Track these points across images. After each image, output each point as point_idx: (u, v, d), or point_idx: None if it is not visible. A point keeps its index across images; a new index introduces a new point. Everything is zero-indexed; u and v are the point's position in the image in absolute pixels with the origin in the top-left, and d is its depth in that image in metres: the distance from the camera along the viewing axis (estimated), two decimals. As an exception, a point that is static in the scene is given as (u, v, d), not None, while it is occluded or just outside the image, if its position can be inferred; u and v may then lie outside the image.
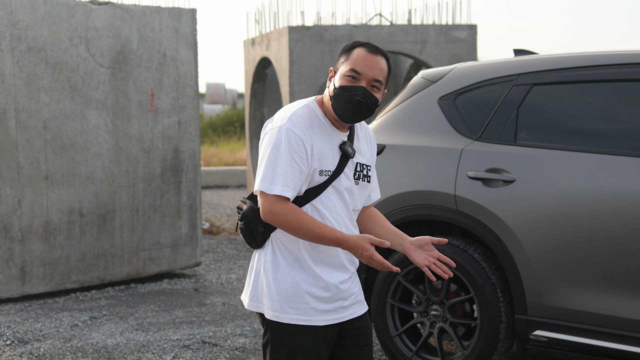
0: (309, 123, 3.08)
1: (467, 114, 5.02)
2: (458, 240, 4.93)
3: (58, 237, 7.27)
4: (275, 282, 3.12)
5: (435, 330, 5.01)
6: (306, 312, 3.12)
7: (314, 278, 3.12)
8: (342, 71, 3.08)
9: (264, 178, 3.04)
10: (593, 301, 4.48)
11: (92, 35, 7.37)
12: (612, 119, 4.72)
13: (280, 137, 3.03)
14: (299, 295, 3.11)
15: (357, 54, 3.07)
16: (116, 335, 6.12)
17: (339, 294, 3.17)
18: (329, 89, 3.11)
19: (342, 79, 3.07)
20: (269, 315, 3.13)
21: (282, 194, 3.01)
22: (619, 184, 4.43)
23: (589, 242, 4.48)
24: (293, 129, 3.03)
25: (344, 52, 3.11)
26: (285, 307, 3.11)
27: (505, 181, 4.71)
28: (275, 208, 3.02)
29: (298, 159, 3.03)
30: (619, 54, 4.73)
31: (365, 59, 3.05)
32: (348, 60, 3.07)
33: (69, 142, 7.27)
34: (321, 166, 3.08)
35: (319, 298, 3.13)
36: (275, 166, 3.02)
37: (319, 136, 3.09)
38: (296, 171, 3.03)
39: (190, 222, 8.14)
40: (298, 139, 3.03)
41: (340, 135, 3.16)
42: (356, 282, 3.29)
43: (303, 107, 3.12)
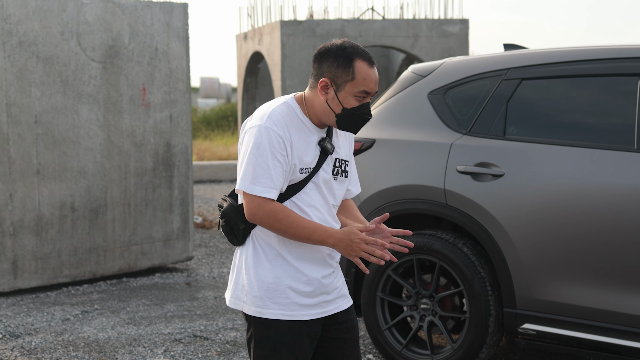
0: (287, 121, 3.07)
1: (456, 109, 5.04)
2: (447, 234, 4.95)
3: (50, 231, 7.28)
4: (257, 278, 3.13)
5: (425, 324, 5.03)
6: (288, 306, 3.13)
7: (295, 273, 3.13)
8: (351, 91, 3.03)
9: (244, 177, 3.04)
10: (581, 294, 4.51)
11: (84, 29, 7.37)
12: (601, 113, 4.75)
13: (261, 136, 3.03)
14: (281, 290, 3.12)
15: (362, 72, 3.02)
16: (107, 329, 6.14)
17: (321, 288, 3.18)
18: (330, 104, 3.07)
19: (352, 99, 3.05)
20: (252, 311, 3.14)
21: (264, 195, 3.01)
22: (607, 178, 4.46)
23: (577, 235, 4.51)
24: (273, 127, 3.03)
25: (340, 63, 3.03)
26: (268, 302, 3.12)
27: (494, 175, 4.73)
28: (262, 209, 3.02)
29: (280, 157, 3.03)
30: (607, 48, 4.75)
31: (371, 75, 3.04)
32: (356, 80, 3.02)
33: (60, 136, 7.27)
34: (301, 163, 3.09)
35: (301, 293, 3.14)
36: (256, 165, 3.02)
37: (298, 134, 3.09)
38: (278, 169, 3.03)
39: (182, 217, 8.15)
40: (278, 137, 3.03)
41: (319, 132, 3.16)
42: (340, 277, 3.30)
43: (281, 105, 3.12)
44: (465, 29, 10.24)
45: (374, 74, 3.05)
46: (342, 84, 3.05)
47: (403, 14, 10.56)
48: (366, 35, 10.08)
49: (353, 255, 3.02)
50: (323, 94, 3.08)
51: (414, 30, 10.21)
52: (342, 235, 3.02)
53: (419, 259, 5.01)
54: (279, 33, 9.64)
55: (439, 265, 4.92)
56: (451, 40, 10.23)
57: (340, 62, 3.04)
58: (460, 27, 10.21)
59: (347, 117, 3.07)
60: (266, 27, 10.24)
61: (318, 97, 3.10)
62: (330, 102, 3.07)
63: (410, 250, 4.97)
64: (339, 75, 3.04)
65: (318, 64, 3.09)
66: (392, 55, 12.23)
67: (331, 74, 3.05)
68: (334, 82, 3.06)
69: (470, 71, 5.09)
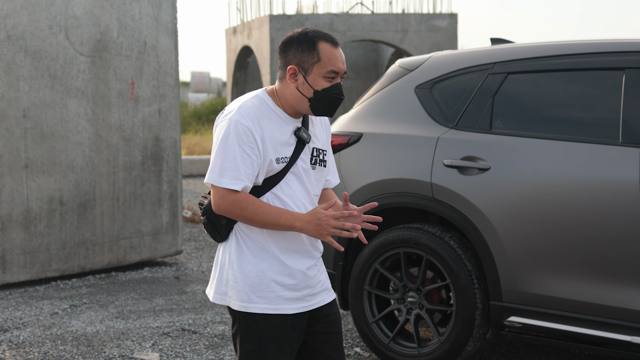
0: (258, 113, 3.08)
1: (443, 103, 5.06)
2: (434, 227, 4.97)
3: (38, 225, 7.28)
4: (242, 273, 3.14)
5: (412, 317, 5.06)
6: (273, 300, 3.14)
7: (279, 266, 3.14)
8: (318, 72, 3.05)
9: (212, 170, 3.07)
10: (566, 287, 4.54)
11: (72, 23, 7.36)
12: (586, 107, 4.77)
13: (229, 129, 3.05)
14: (265, 284, 3.13)
15: (326, 52, 3.05)
16: (96, 323, 6.14)
17: (305, 280, 3.19)
18: (300, 89, 3.09)
19: (321, 81, 3.06)
20: (237, 306, 3.15)
21: (230, 187, 3.03)
22: (592, 172, 4.48)
23: (562, 229, 4.54)
24: (241, 120, 3.04)
25: (304, 47, 3.07)
26: (253, 296, 3.13)
27: (481, 169, 4.75)
28: (226, 200, 3.04)
29: (248, 149, 3.04)
30: (592, 43, 4.78)
31: (336, 55, 3.06)
32: (322, 61, 3.05)
33: (48, 130, 7.27)
34: (277, 154, 3.09)
35: (286, 286, 3.15)
36: (224, 158, 3.04)
37: (271, 125, 3.10)
38: (247, 162, 3.04)
39: (171, 211, 8.16)
40: (246, 129, 3.04)
41: (294, 122, 3.17)
42: (322, 270, 3.32)
43: (252, 98, 3.14)
44: (453, 23, 10.26)
45: (339, 54, 3.08)
46: (310, 67, 3.07)
47: (392, 8, 10.56)
48: (355, 30, 10.08)
49: (324, 234, 3.01)
50: (293, 81, 3.10)
51: (403, 24, 10.21)
52: (308, 217, 3.03)
53: (406, 253, 5.03)
54: (268, 27, 9.64)
55: (426, 259, 4.94)
56: (440, 35, 10.24)
57: (304, 47, 3.07)
58: (449, 21, 10.22)
59: (320, 100, 3.08)
60: (255, 22, 10.23)
61: (289, 86, 3.12)
62: (300, 88, 3.09)
63: (398, 243, 4.99)
64: (305, 59, 3.07)
65: (283, 54, 3.12)
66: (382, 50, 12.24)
67: (297, 60, 3.08)
68: (301, 68, 3.08)
69: (457, 65, 5.11)
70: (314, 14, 10.06)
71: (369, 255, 5.10)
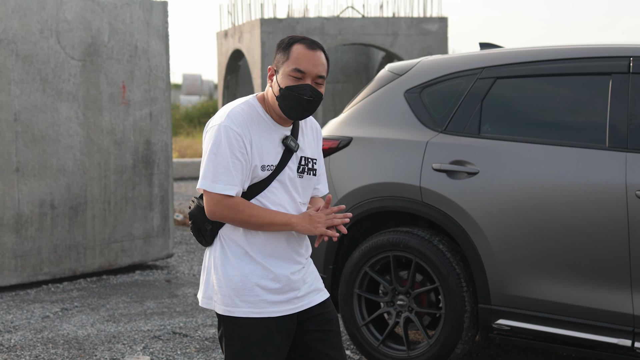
0: (248, 119, 3.12)
1: (432, 107, 5.10)
2: (423, 231, 5.01)
3: (29, 229, 7.29)
4: (225, 277, 3.17)
5: (402, 320, 5.09)
6: (257, 304, 3.17)
7: (263, 270, 3.18)
8: (285, 70, 3.10)
9: (205, 176, 3.10)
10: (554, 290, 4.57)
11: (63, 27, 7.38)
12: (573, 111, 4.82)
13: (220, 135, 3.08)
14: (249, 288, 3.16)
15: (297, 52, 3.09)
16: (87, 327, 6.16)
17: (290, 284, 3.22)
18: (273, 88, 3.15)
19: (286, 79, 3.10)
20: (221, 310, 3.19)
21: (225, 193, 3.07)
22: (579, 176, 4.52)
23: (550, 232, 4.57)
24: (231, 125, 3.08)
25: (281, 49, 3.13)
26: (237, 300, 3.16)
27: (469, 173, 4.79)
28: (222, 206, 3.08)
29: (239, 154, 3.08)
30: (579, 48, 4.82)
31: (307, 56, 3.09)
32: (290, 59, 3.09)
33: (40, 134, 7.29)
34: (262, 161, 3.13)
35: (270, 290, 3.18)
36: (216, 164, 3.07)
37: (259, 132, 3.13)
38: (238, 167, 3.08)
39: (162, 214, 8.18)
40: (237, 135, 3.07)
41: (283, 130, 3.20)
42: (311, 272, 3.34)
43: (242, 104, 3.17)
44: (444, 27, 10.31)
45: (311, 56, 3.09)
46: (280, 66, 3.13)
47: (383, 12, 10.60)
48: (346, 33, 10.12)
49: (318, 227, 3.11)
50: (270, 82, 3.17)
51: (393, 28, 10.26)
52: (301, 215, 3.14)
53: (396, 256, 5.07)
54: (259, 31, 9.68)
55: (415, 262, 4.97)
56: (430, 38, 10.29)
57: (281, 49, 3.14)
58: (439, 25, 10.27)
59: (285, 98, 3.11)
60: (246, 25, 10.27)
61: (270, 90, 3.18)
62: (273, 88, 3.15)
63: (387, 247, 5.03)
64: (279, 59, 3.13)
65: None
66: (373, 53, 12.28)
67: (275, 62, 3.15)
68: (275, 68, 3.15)
69: (446, 70, 5.15)
70: (304, 18, 10.09)
71: (359, 259, 5.14)
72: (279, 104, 3.13)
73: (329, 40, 10.31)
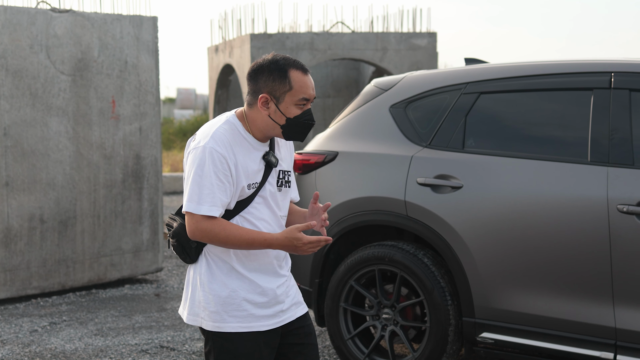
0: (231, 140, 3.14)
1: (417, 122, 5.14)
2: (408, 245, 5.04)
3: (19, 243, 7.31)
4: (213, 293, 3.19)
5: (387, 333, 5.12)
6: (245, 319, 3.20)
7: (250, 285, 3.21)
8: (290, 100, 3.12)
9: (191, 199, 3.11)
10: (538, 304, 4.61)
11: (53, 42, 7.42)
12: (556, 126, 4.86)
13: (204, 157, 3.09)
14: (237, 304, 3.19)
15: (297, 80, 3.12)
16: (75, 341, 6.18)
17: (276, 298, 3.26)
18: (273, 117, 3.14)
19: (293, 109, 3.13)
20: (210, 326, 3.21)
21: (209, 214, 3.09)
22: (562, 190, 4.57)
23: (533, 246, 4.61)
24: (216, 147, 3.09)
25: (275, 76, 3.11)
26: (225, 316, 3.19)
27: (453, 187, 4.83)
28: (201, 226, 3.10)
29: (223, 177, 3.10)
30: (562, 63, 4.87)
31: (307, 82, 3.13)
32: (294, 89, 3.11)
33: (29, 148, 7.31)
34: (248, 180, 3.16)
35: (257, 304, 3.21)
36: (201, 186, 3.09)
37: (242, 151, 3.16)
38: (222, 189, 3.10)
39: (152, 228, 8.20)
40: (221, 157, 3.09)
41: (263, 146, 3.23)
42: (292, 285, 3.38)
43: (224, 124, 3.18)
44: (433, 42, 10.38)
45: (309, 81, 3.16)
46: (281, 95, 3.13)
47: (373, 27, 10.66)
48: (335, 48, 10.18)
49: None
50: (264, 109, 3.15)
51: (383, 43, 10.32)
52: (284, 241, 3.10)
53: (381, 270, 5.10)
54: (249, 46, 9.73)
55: (400, 276, 5.01)
56: (419, 53, 10.35)
57: (275, 76, 3.12)
58: (428, 40, 10.34)
59: (293, 127, 3.16)
60: (237, 40, 10.32)
61: (260, 112, 3.17)
62: (273, 116, 3.15)
63: (373, 261, 5.06)
64: (277, 88, 3.12)
65: (253, 81, 3.17)
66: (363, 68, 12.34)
67: (269, 89, 3.13)
68: (273, 96, 3.14)
69: (431, 85, 5.19)
70: (294, 33, 10.15)
71: (345, 273, 5.17)
72: (283, 131, 3.16)
73: (318, 55, 10.37)
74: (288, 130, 3.17)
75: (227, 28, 10.89)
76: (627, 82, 4.57)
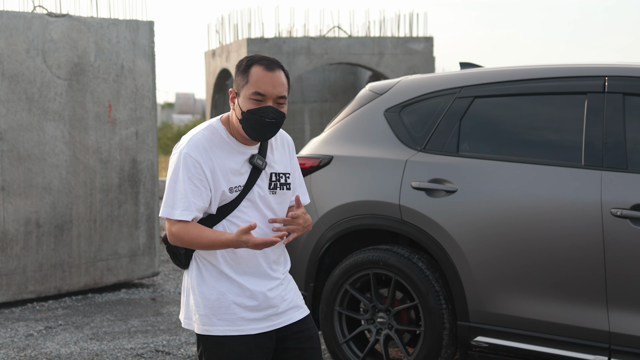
0: (208, 145, 3.15)
1: (411, 126, 5.15)
2: (403, 249, 5.05)
3: (15, 247, 7.31)
4: (202, 297, 3.20)
5: (382, 337, 5.12)
6: (235, 322, 3.20)
7: (239, 288, 3.21)
8: (245, 94, 3.12)
9: (166, 204, 3.15)
10: (532, 308, 4.61)
11: (49, 47, 7.43)
12: (550, 130, 4.87)
13: (179, 162, 3.13)
14: (225, 307, 3.19)
15: (256, 75, 3.10)
16: (70, 345, 6.18)
17: (267, 301, 3.25)
18: (235, 112, 3.17)
19: (247, 102, 3.11)
20: (200, 329, 3.22)
21: (181, 218, 3.11)
22: (556, 194, 4.57)
23: (527, 250, 4.62)
24: (190, 152, 3.12)
25: (240, 71, 3.15)
26: (214, 319, 3.19)
27: (448, 191, 4.83)
28: (172, 230, 3.14)
29: (197, 181, 3.11)
30: (556, 67, 4.88)
31: (266, 78, 3.10)
32: (249, 83, 3.11)
33: (25, 153, 7.32)
34: (229, 184, 3.16)
35: (247, 307, 3.21)
36: (175, 191, 3.12)
37: (222, 155, 3.16)
38: (196, 194, 3.11)
39: (148, 232, 8.20)
40: (195, 162, 3.11)
41: (249, 149, 3.23)
42: (290, 288, 3.36)
43: (204, 130, 3.20)
44: (429, 46, 10.40)
45: (270, 77, 3.10)
46: (241, 89, 3.15)
47: (370, 32, 10.68)
48: (332, 53, 10.20)
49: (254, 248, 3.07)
50: (232, 105, 3.20)
51: (379, 47, 10.34)
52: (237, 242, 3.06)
53: (376, 274, 5.10)
54: (246, 50, 9.74)
55: (395, 280, 5.01)
56: (416, 58, 10.37)
57: (241, 71, 3.15)
58: (425, 44, 10.36)
59: (247, 121, 3.13)
60: (233, 45, 10.34)
61: (233, 111, 3.21)
62: (235, 111, 3.18)
63: (367, 265, 5.07)
64: (239, 82, 3.16)
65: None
66: (360, 72, 12.36)
67: (235, 84, 3.18)
68: (236, 92, 3.18)
69: (425, 89, 5.20)
70: (290, 38, 10.16)
71: (339, 277, 5.17)
72: (242, 126, 3.15)
73: (315, 59, 10.39)
74: (245, 126, 3.15)
75: (224, 32, 10.92)
76: (621, 86, 4.58)
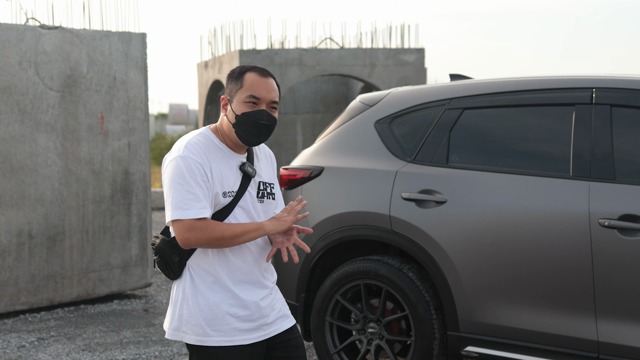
0: (204, 149, 3.21)
1: (402, 137, 5.19)
2: (393, 259, 5.08)
3: (7, 258, 7.32)
4: (196, 307, 3.22)
5: (372, 347, 5.14)
6: (229, 333, 3.23)
7: (232, 298, 3.24)
8: (239, 98, 3.21)
9: (176, 207, 3.14)
10: (521, 317, 4.64)
11: (42, 59, 7.46)
12: (539, 141, 4.91)
13: (181, 166, 3.15)
14: (220, 318, 3.22)
15: (250, 80, 3.21)
16: (62, 356, 6.18)
17: (259, 310, 3.28)
18: (228, 116, 3.25)
19: (242, 106, 3.21)
20: (193, 340, 3.23)
21: (198, 216, 3.12)
22: (544, 205, 4.61)
23: (516, 260, 4.65)
24: (190, 155, 3.16)
25: (233, 78, 3.25)
26: (208, 330, 3.22)
27: (437, 202, 4.87)
28: (194, 230, 3.12)
29: (201, 182, 3.15)
30: (544, 79, 4.93)
31: (260, 83, 3.21)
32: (244, 87, 3.21)
33: (18, 164, 7.34)
34: (223, 188, 3.21)
35: (240, 317, 3.24)
36: (184, 192, 3.13)
37: (217, 160, 3.22)
38: (204, 193, 3.15)
39: (141, 243, 8.21)
40: (197, 163, 3.16)
41: (239, 157, 3.29)
42: (278, 298, 3.41)
43: (197, 136, 3.26)
44: (421, 58, 10.45)
45: (264, 82, 3.23)
46: (234, 95, 3.25)
47: (361, 43, 10.74)
48: (324, 64, 10.26)
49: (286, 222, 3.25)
50: (224, 111, 3.28)
51: (371, 59, 10.39)
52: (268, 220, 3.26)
53: (367, 284, 5.13)
54: (238, 62, 9.78)
55: (385, 290, 5.04)
56: (407, 69, 10.42)
57: (233, 78, 3.26)
58: (416, 56, 10.42)
59: (241, 124, 3.21)
60: (226, 56, 10.38)
61: (224, 117, 3.29)
62: (228, 116, 3.26)
63: (358, 275, 5.10)
64: (232, 88, 3.25)
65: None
66: (352, 84, 12.41)
67: (227, 91, 3.27)
68: (229, 98, 3.27)
69: (415, 101, 5.24)
70: (283, 49, 10.21)
71: (330, 287, 5.20)
72: (235, 130, 3.22)
73: (307, 70, 10.44)
74: (239, 130, 3.22)
75: (216, 44, 10.96)
76: (608, 97, 4.63)
